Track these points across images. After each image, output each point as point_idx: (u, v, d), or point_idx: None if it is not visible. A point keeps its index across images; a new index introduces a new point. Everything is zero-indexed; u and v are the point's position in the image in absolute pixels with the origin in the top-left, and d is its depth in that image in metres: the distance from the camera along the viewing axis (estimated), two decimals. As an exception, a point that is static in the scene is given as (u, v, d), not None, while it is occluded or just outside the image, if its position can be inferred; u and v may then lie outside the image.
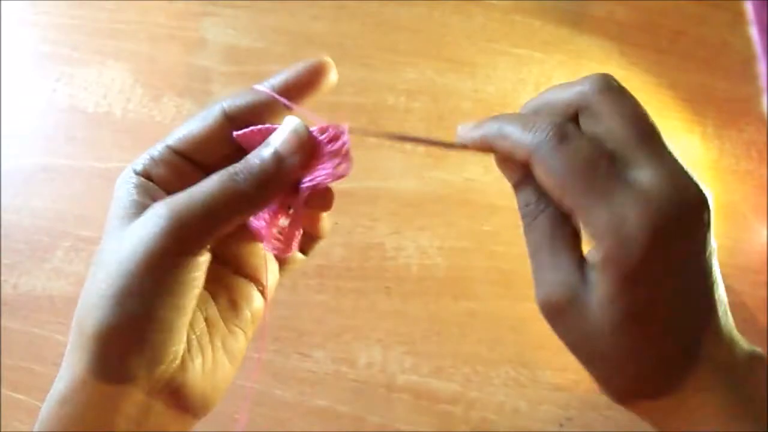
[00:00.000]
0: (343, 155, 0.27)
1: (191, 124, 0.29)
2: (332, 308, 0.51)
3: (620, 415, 0.49)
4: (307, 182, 0.27)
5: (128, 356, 0.25)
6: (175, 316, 0.26)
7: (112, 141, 0.56)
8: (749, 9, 0.66)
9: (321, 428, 0.47)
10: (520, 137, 0.25)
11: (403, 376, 0.49)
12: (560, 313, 0.25)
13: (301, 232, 0.29)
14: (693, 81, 0.63)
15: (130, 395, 0.26)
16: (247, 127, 0.28)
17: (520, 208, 0.27)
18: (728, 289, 0.59)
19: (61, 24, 0.61)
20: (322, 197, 0.29)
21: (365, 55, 0.61)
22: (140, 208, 0.27)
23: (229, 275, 0.30)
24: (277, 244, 0.29)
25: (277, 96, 0.28)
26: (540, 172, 0.25)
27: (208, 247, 0.26)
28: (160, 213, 0.25)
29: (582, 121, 0.26)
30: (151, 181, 0.28)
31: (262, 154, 0.27)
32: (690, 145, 0.60)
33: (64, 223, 0.53)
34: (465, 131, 0.29)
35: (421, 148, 0.56)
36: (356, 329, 0.51)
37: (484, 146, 0.28)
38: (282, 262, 0.33)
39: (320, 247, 0.32)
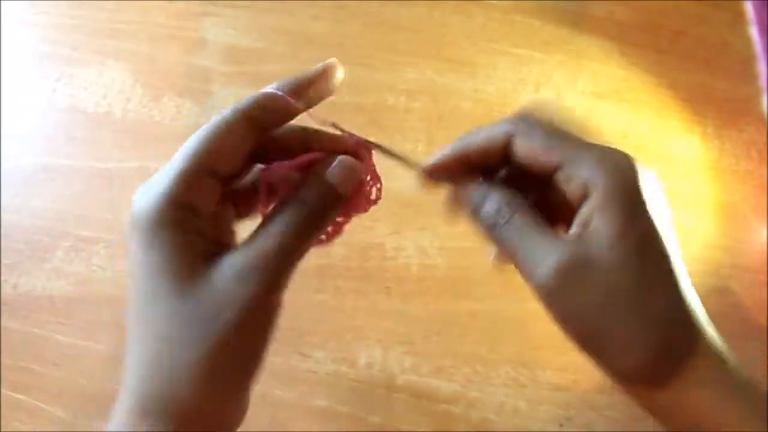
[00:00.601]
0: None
1: (218, 137, 0.26)
2: (332, 308, 0.51)
3: (620, 414, 0.49)
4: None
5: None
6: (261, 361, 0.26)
7: (112, 141, 0.56)
8: (749, 9, 0.66)
9: (321, 428, 0.47)
10: (496, 128, 0.28)
11: (403, 376, 0.49)
12: (569, 277, 0.25)
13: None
14: (693, 81, 0.63)
15: None
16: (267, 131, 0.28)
17: (487, 219, 0.28)
18: (728, 289, 0.60)
19: (61, 24, 0.61)
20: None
21: (365, 55, 0.61)
22: (203, 256, 0.25)
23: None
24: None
25: (294, 101, 0.28)
26: (523, 144, 0.28)
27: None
28: (251, 267, 0.24)
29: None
30: (192, 211, 0.25)
31: (327, 183, 0.27)
32: (690, 145, 0.60)
33: (64, 223, 0.53)
34: (431, 157, 0.30)
35: (422, 147, 0.56)
36: (356, 329, 0.51)
37: (452, 159, 0.29)
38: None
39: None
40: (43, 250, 0.52)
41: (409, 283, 0.52)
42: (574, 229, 0.26)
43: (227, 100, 0.58)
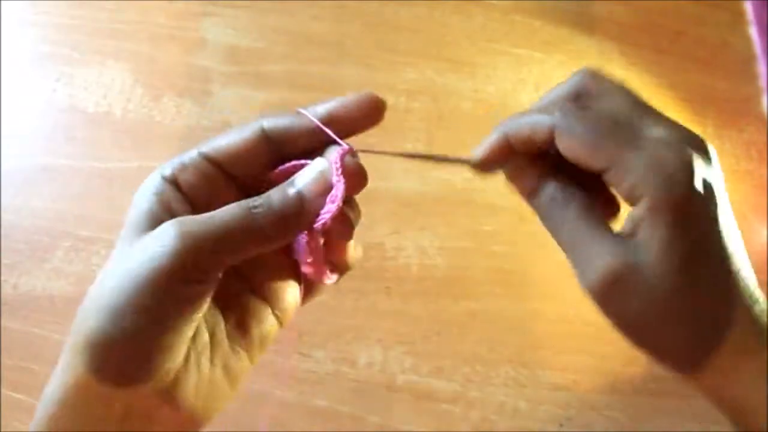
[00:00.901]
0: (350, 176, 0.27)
1: (229, 135, 0.28)
2: (332, 308, 0.51)
3: (620, 414, 0.49)
4: (320, 220, 0.27)
5: (124, 365, 0.25)
6: (171, 337, 0.25)
7: (112, 141, 0.56)
8: (749, 9, 0.66)
9: (321, 428, 0.47)
10: (540, 118, 0.27)
11: (403, 376, 0.49)
12: (616, 284, 0.25)
13: (328, 260, 0.29)
14: (693, 81, 0.63)
15: (126, 399, 0.26)
16: (284, 150, 0.27)
17: (543, 207, 0.27)
18: (728, 289, 0.58)
19: (61, 24, 0.61)
20: (340, 226, 0.28)
21: (365, 55, 0.61)
22: (155, 221, 0.26)
23: (245, 293, 0.30)
24: (310, 270, 0.29)
25: (322, 126, 0.27)
26: (566, 142, 0.26)
27: (219, 275, 0.26)
28: (171, 233, 0.24)
29: (585, 102, 0.28)
30: (178, 187, 0.27)
31: (286, 192, 0.26)
32: (690, 145, 0.60)
33: (64, 223, 0.53)
34: (480, 147, 0.29)
35: (422, 147, 0.56)
36: (356, 329, 0.51)
37: (501, 146, 0.28)
38: (308, 288, 0.32)
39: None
40: (43, 250, 0.52)
41: (409, 283, 0.52)
42: (625, 228, 0.26)
43: (227, 100, 0.58)
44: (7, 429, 0.46)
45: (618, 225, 0.27)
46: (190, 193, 0.27)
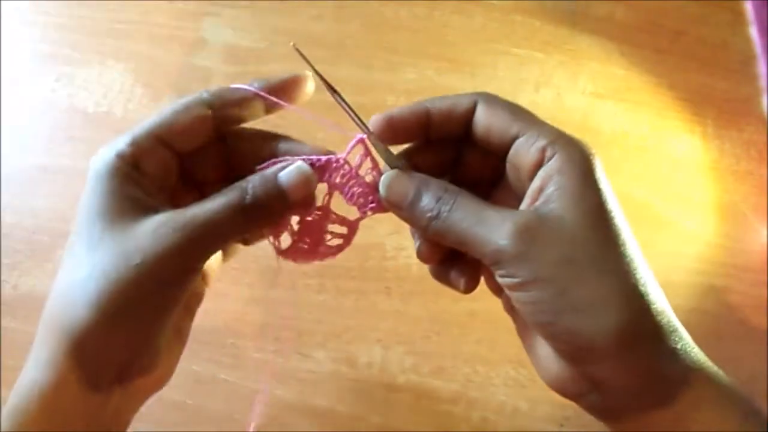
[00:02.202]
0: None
1: (175, 113, 0.29)
2: (332, 308, 0.51)
3: (620, 415, 0.49)
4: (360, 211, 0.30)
5: (117, 368, 0.26)
6: (167, 326, 0.26)
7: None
8: (749, 9, 0.66)
9: (321, 428, 0.47)
10: (463, 95, 0.30)
11: (403, 376, 0.49)
12: (530, 234, 0.25)
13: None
14: (693, 81, 0.63)
15: (110, 401, 0.26)
16: (226, 123, 0.29)
17: (428, 210, 0.27)
18: (728, 289, 0.59)
19: (61, 24, 0.61)
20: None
21: (365, 55, 0.61)
22: (138, 207, 0.26)
23: None
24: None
25: (262, 93, 0.29)
26: (488, 111, 0.28)
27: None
28: (169, 229, 0.25)
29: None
30: (137, 169, 0.28)
31: (277, 184, 0.27)
32: (690, 145, 0.60)
33: (64, 223, 0.53)
34: (397, 108, 0.30)
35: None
36: (356, 329, 0.51)
37: (419, 114, 0.29)
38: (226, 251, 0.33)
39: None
40: (43, 250, 0.52)
41: (409, 283, 0.52)
42: (526, 200, 0.27)
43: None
44: (7, 429, 0.46)
45: None
46: (146, 171, 0.28)
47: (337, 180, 0.29)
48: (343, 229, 0.31)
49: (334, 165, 0.29)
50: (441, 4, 0.64)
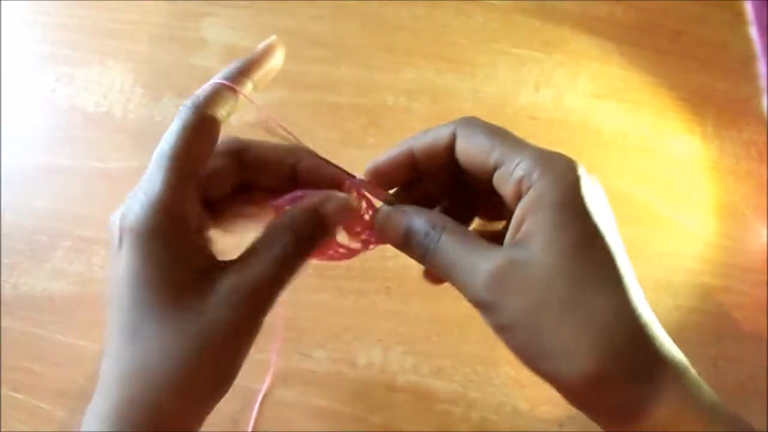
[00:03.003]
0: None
1: (187, 138, 0.27)
2: (332, 308, 0.51)
3: (620, 415, 0.49)
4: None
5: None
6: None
7: (112, 141, 0.56)
8: (749, 9, 0.66)
9: (321, 428, 0.47)
10: (441, 128, 0.28)
11: (403, 376, 0.49)
12: (503, 281, 0.24)
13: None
14: (693, 81, 0.63)
15: None
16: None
17: (418, 245, 0.28)
18: (728, 289, 0.59)
19: (61, 24, 0.61)
20: None
21: (365, 55, 0.61)
22: (197, 271, 0.25)
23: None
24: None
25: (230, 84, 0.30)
26: (465, 142, 0.27)
27: None
28: (244, 295, 0.25)
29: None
30: (184, 220, 0.26)
31: (325, 221, 0.28)
32: (690, 145, 0.60)
33: (64, 223, 0.53)
34: (383, 155, 0.30)
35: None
36: (356, 329, 0.51)
37: (405, 156, 0.29)
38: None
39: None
40: (43, 250, 0.52)
41: (409, 283, 0.52)
42: (508, 234, 0.26)
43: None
44: (7, 429, 0.46)
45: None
46: (189, 222, 0.27)
47: None
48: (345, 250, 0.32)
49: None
50: (441, 4, 0.64)
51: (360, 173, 0.31)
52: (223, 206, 0.30)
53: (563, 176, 0.25)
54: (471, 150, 0.27)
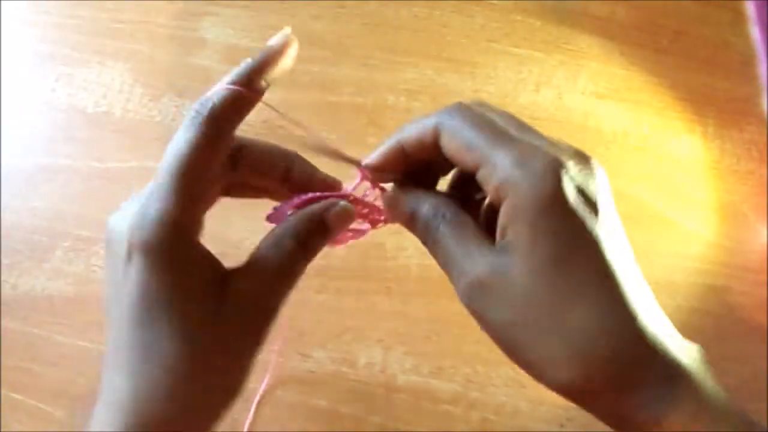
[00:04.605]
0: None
1: (196, 149, 0.26)
2: (332, 308, 0.51)
3: (621, 415, 0.49)
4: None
5: None
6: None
7: (112, 141, 0.56)
8: (750, 9, 0.66)
9: (321, 428, 0.47)
10: (426, 120, 0.27)
11: (403, 376, 0.49)
12: (481, 292, 0.25)
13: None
14: (693, 81, 0.63)
15: None
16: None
17: (421, 227, 0.28)
18: (728, 289, 0.59)
19: (61, 24, 0.61)
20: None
21: (365, 55, 0.61)
22: (207, 281, 0.26)
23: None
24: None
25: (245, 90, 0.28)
26: (446, 139, 0.26)
27: None
28: (255, 300, 0.26)
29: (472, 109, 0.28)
30: (194, 233, 0.26)
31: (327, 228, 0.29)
32: (690, 145, 0.60)
33: (63, 223, 0.53)
34: (374, 153, 0.29)
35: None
36: (356, 329, 0.51)
37: (395, 151, 0.28)
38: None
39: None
40: (42, 250, 0.52)
41: (409, 283, 0.52)
42: (497, 235, 0.25)
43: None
44: (7, 429, 0.46)
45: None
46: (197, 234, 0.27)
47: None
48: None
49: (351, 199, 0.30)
50: (441, 4, 0.64)
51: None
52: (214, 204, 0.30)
53: (542, 180, 0.23)
54: (451, 148, 0.26)
